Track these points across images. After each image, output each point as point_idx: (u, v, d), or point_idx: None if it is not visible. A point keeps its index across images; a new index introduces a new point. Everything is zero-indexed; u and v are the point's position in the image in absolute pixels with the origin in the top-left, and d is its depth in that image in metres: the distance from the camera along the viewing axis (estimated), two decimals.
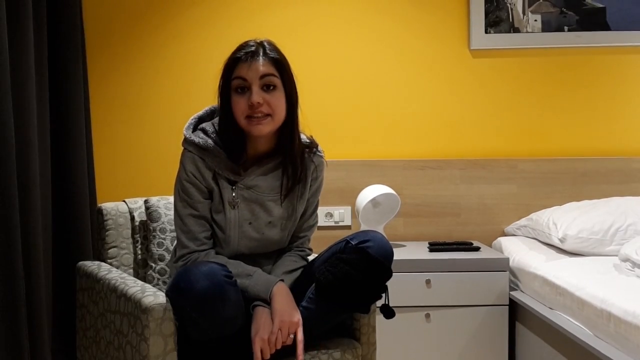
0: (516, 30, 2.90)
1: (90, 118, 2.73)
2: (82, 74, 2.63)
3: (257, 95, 1.54)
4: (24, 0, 2.18)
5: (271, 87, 1.57)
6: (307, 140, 1.72)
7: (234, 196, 1.62)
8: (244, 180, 1.62)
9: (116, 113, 2.92)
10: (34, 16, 2.27)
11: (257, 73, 1.55)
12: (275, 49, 1.61)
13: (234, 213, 1.62)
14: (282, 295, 1.53)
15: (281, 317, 1.49)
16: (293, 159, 1.65)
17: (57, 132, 2.47)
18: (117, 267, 1.88)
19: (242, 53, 1.57)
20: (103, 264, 1.84)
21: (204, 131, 1.62)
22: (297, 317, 1.52)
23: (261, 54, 1.57)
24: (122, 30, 2.91)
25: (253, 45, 1.58)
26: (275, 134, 1.63)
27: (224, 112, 1.61)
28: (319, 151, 1.75)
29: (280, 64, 1.59)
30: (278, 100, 1.58)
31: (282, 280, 1.58)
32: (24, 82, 2.17)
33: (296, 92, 1.64)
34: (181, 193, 1.62)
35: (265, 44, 1.60)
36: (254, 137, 1.61)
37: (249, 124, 1.57)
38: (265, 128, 1.57)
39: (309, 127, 1.75)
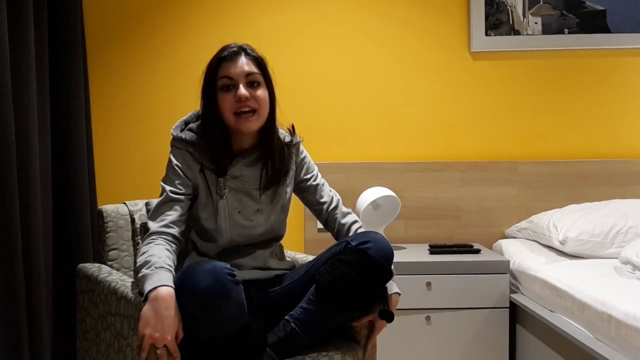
0: (516, 32, 2.90)
1: (91, 120, 2.74)
2: (83, 76, 2.64)
3: (244, 90, 1.60)
4: (25, 3, 2.18)
5: (255, 84, 1.64)
6: (287, 136, 1.77)
7: (221, 187, 1.65)
8: (230, 171, 1.66)
9: (117, 115, 2.93)
10: (34, 19, 2.28)
11: (242, 71, 1.62)
12: (254, 49, 1.68)
13: (222, 203, 1.65)
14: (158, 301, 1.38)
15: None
16: (272, 153, 1.69)
17: (57, 135, 2.48)
18: (118, 270, 1.88)
19: (225, 53, 1.64)
20: (103, 266, 1.84)
21: (191, 130, 1.67)
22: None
23: (243, 54, 1.65)
24: (123, 33, 2.92)
25: (234, 47, 1.66)
26: (257, 132, 1.68)
27: (208, 112, 1.65)
28: (296, 139, 1.78)
29: (262, 63, 1.67)
30: (264, 95, 1.65)
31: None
32: (25, 85, 2.18)
33: (274, 90, 1.70)
34: (165, 185, 1.63)
35: (245, 46, 1.67)
36: (240, 135, 1.67)
37: (237, 121, 1.62)
38: (254, 125, 1.63)
39: (310, 130, 1.76)
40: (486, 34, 2.90)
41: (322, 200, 1.82)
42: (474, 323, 2.41)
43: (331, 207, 1.82)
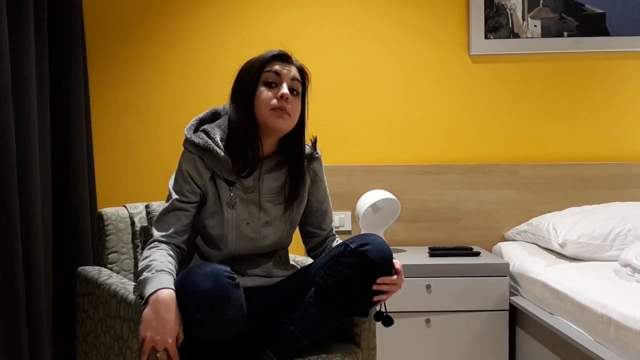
0: (516, 35, 2.91)
1: (91, 122, 2.73)
2: (83, 78, 2.64)
3: (287, 89, 1.61)
4: (25, 3, 2.18)
5: (294, 92, 1.64)
6: (308, 148, 1.75)
7: (232, 196, 1.63)
8: (242, 181, 1.63)
9: (117, 117, 2.93)
10: (34, 20, 2.28)
11: (289, 73, 1.63)
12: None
13: (231, 213, 1.63)
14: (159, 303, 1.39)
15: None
16: (299, 165, 1.68)
17: (57, 137, 2.47)
18: (118, 273, 1.88)
19: (276, 53, 1.65)
20: (103, 269, 1.84)
21: (206, 133, 1.63)
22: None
23: (293, 61, 1.67)
24: (123, 34, 2.92)
25: (284, 52, 1.67)
26: (279, 140, 1.67)
27: (243, 105, 1.61)
28: (316, 153, 1.76)
29: (306, 76, 1.69)
30: (297, 106, 1.65)
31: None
32: (25, 87, 2.18)
33: (307, 108, 1.69)
34: (173, 192, 1.62)
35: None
36: (264, 139, 1.63)
37: (271, 116, 1.59)
38: (285, 124, 1.61)
39: (309, 132, 1.76)
40: (486, 37, 2.91)
41: (323, 226, 1.81)
42: (473, 326, 2.41)
43: (330, 235, 1.83)
